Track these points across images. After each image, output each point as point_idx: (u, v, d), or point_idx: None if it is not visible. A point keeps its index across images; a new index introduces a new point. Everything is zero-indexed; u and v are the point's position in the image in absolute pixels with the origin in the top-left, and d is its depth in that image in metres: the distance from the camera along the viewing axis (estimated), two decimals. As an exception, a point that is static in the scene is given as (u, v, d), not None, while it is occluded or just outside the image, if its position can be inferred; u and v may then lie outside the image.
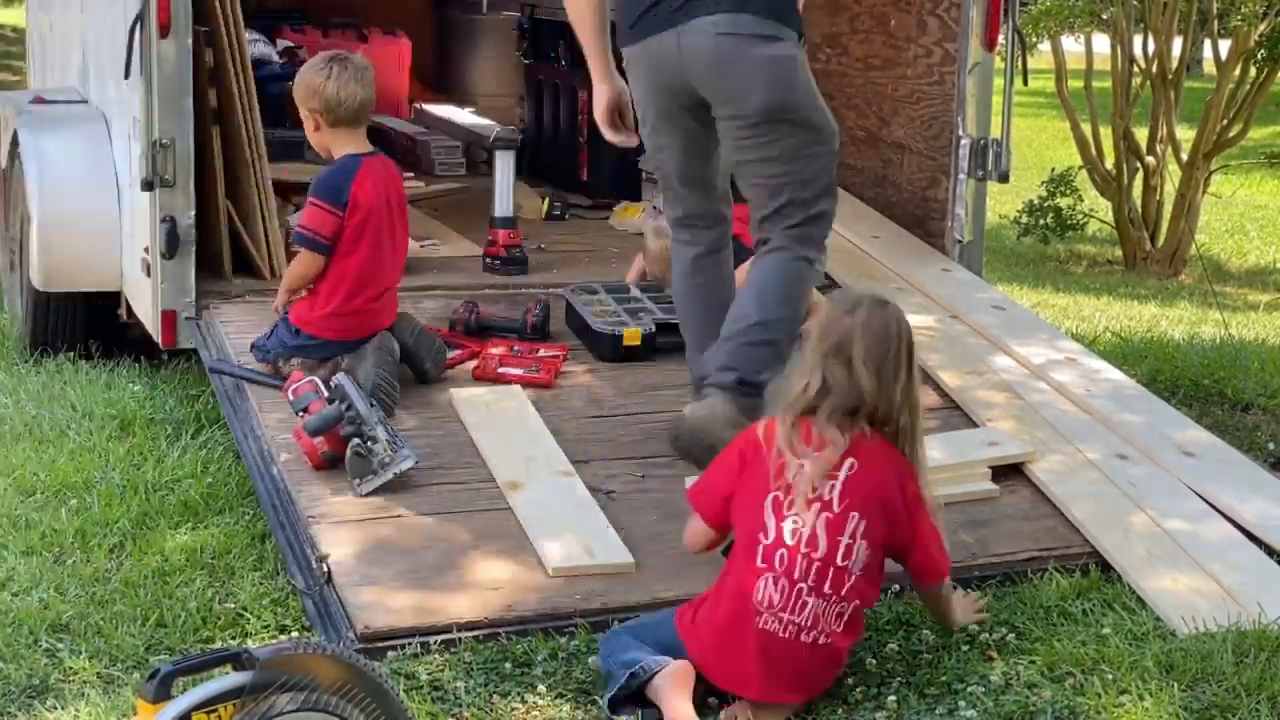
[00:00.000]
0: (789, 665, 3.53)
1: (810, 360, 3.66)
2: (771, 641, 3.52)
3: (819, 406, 3.61)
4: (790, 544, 3.54)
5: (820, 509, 3.55)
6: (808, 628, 3.52)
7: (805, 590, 3.52)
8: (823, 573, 3.54)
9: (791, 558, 3.53)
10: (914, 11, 6.52)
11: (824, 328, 3.67)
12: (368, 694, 2.84)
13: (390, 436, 4.40)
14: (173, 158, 5.38)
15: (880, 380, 3.61)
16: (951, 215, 6.22)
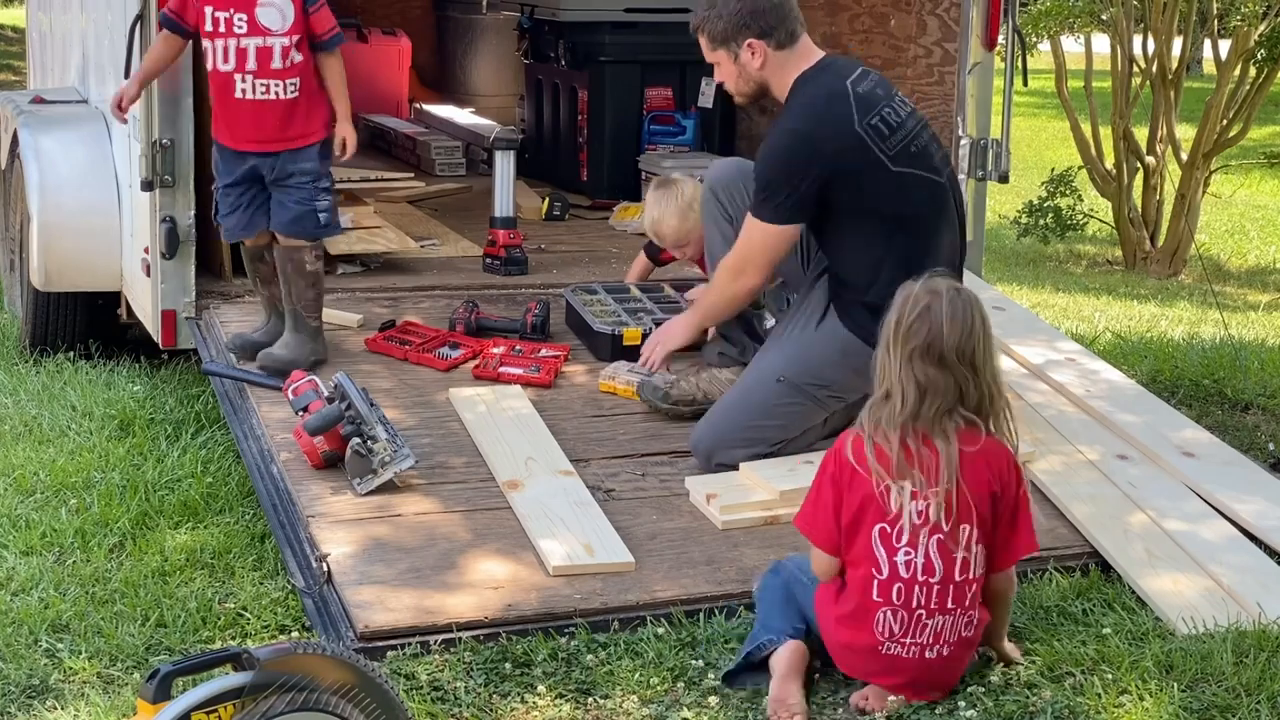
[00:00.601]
0: (916, 675, 3.54)
1: (896, 365, 3.49)
2: (896, 661, 3.53)
3: (918, 414, 3.48)
4: (906, 576, 3.49)
5: (930, 532, 3.48)
6: (930, 644, 3.52)
7: (925, 615, 3.50)
8: (943, 594, 3.50)
9: (909, 589, 3.49)
10: (914, 11, 6.52)
11: (906, 328, 3.49)
12: (367, 694, 2.84)
13: (390, 436, 4.40)
14: (173, 158, 5.38)
15: (975, 371, 3.50)
16: (951, 215, 6.21)
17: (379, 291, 5.89)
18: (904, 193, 4.48)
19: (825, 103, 4.47)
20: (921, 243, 4.48)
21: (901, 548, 3.48)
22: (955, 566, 3.50)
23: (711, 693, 3.60)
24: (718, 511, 4.36)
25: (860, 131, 4.42)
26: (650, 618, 3.91)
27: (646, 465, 4.69)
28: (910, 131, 4.51)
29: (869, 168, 4.44)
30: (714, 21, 4.58)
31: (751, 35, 4.53)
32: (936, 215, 4.57)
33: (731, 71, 4.63)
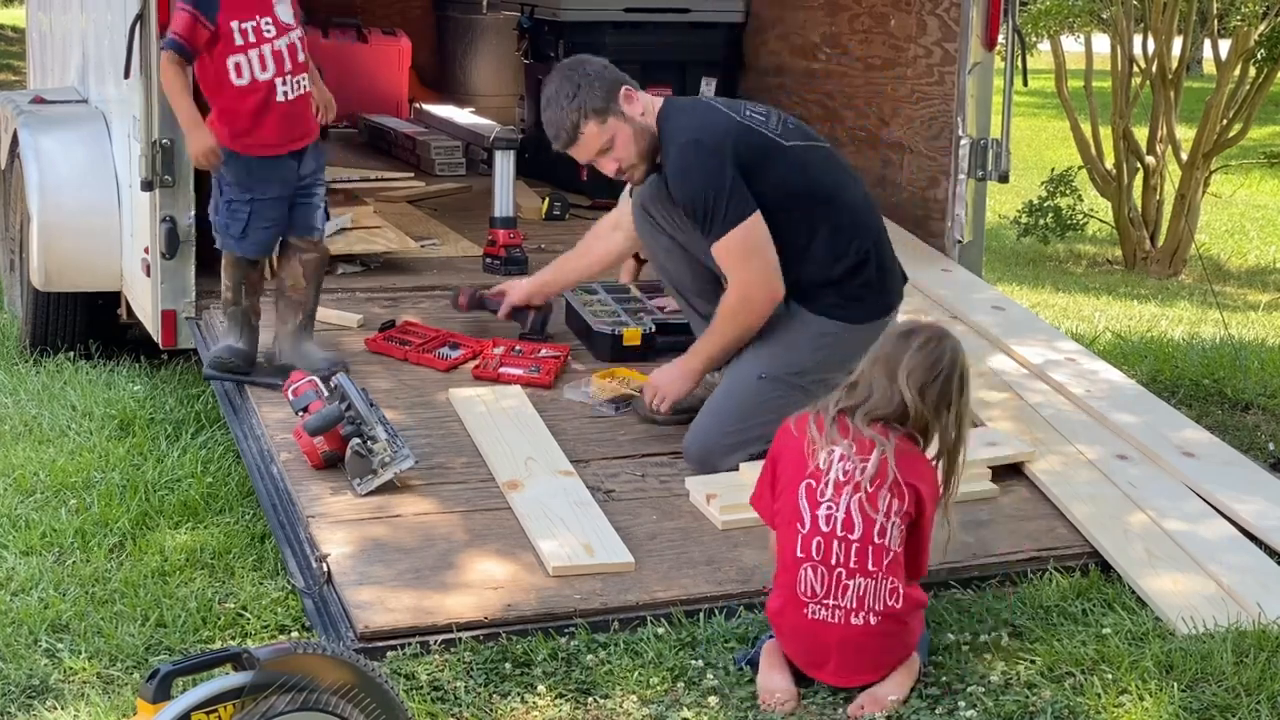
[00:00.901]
0: (850, 648, 3.58)
1: (859, 369, 3.73)
2: (824, 628, 3.58)
3: (857, 408, 3.66)
4: (826, 530, 3.59)
5: (853, 490, 3.59)
6: (854, 609, 3.58)
7: (845, 574, 3.57)
8: (862, 552, 3.58)
9: (828, 544, 3.58)
10: (914, 11, 6.52)
11: (879, 346, 3.74)
12: (367, 694, 2.84)
13: (390, 436, 4.40)
14: (173, 158, 5.38)
15: (924, 399, 3.64)
16: (951, 215, 6.22)
17: (379, 291, 5.89)
18: (807, 165, 4.66)
19: (701, 114, 4.66)
20: (840, 208, 4.65)
21: (824, 501, 3.60)
22: (874, 528, 3.58)
23: (711, 693, 3.61)
24: (718, 511, 4.36)
25: (743, 122, 4.61)
26: (650, 618, 3.92)
27: (646, 465, 4.69)
28: (779, 116, 4.74)
29: (768, 149, 4.60)
30: (588, 99, 4.60)
31: (622, 84, 4.65)
32: (841, 176, 4.76)
33: (627, 135, 4.62)
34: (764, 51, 7.87)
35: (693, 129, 4.57)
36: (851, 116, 6.93)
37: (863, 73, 6.93)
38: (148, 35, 5.32)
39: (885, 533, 3.59)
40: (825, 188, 4.66)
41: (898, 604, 3.59)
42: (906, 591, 3.62)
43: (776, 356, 4.64)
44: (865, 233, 4.67)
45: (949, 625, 3.93)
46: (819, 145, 4.78)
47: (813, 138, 4.80)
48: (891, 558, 3.60)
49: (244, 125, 4.89)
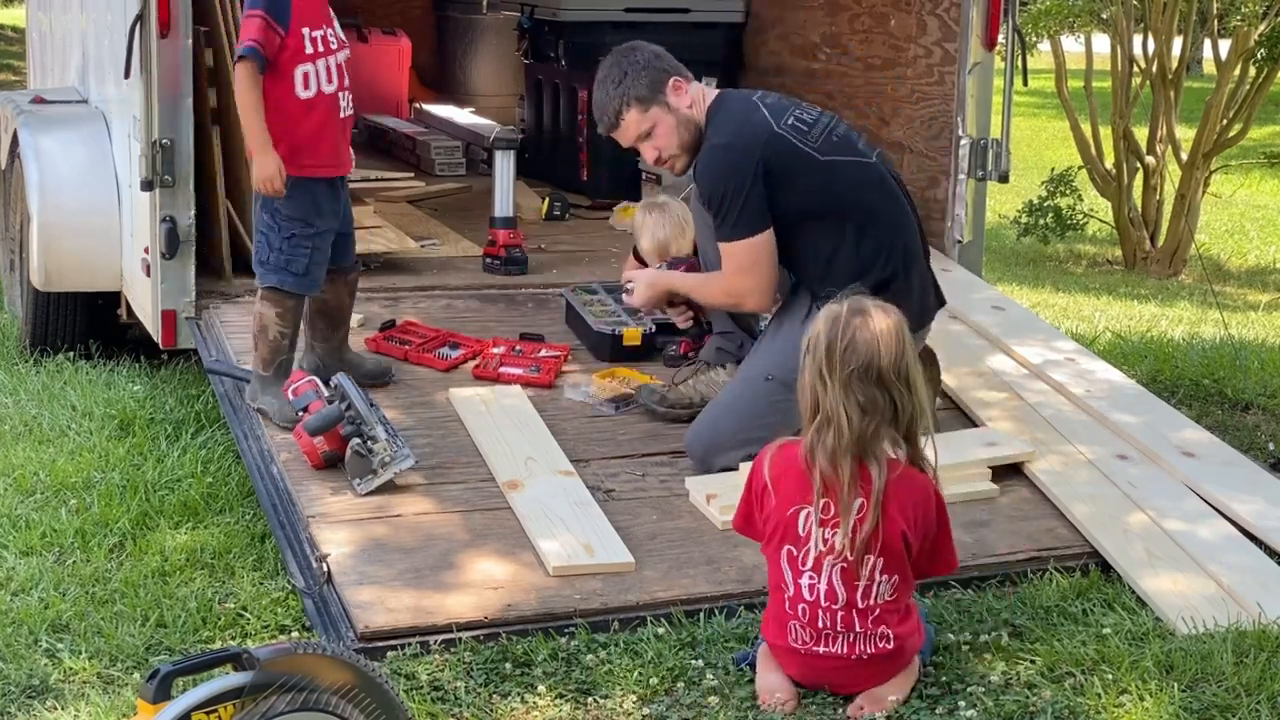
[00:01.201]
0: (847, 673, 3.58)
1: (836, 391, 3.44)
2: (818, 662, 3.57)
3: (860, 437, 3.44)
4: (809, 599, 3.54)
5: (833, 560, 3.50)
6: (847, 654, 3.55)
7: (831, 635, 3.55)
8: (847, 618, 3.53)
9: (813, 611, 3.54)
10: (914, 11, 6.52)
11: (841, 351, 3.44)
12: (367, 694, 2.84)
13: (390, 436, 4.40)
14: (173, 158, 5.38)
15: (910, 387, 3.48)
16: (951, 215, 6.23)
17: (379, 291, 5.89)
18: (839, 180, 4.59)
19: (742, 116, 4.60)
20: (869, 226, 4.59)
21: (806, 571, 3.53)
22: (857, 593, 3.51)
23: (711, 693, 3.60)
24: (718, 511, 4.36)
25: (781, 132, 4.56)
26: (650, 618, 3.92)
27: (646, 465, 4.69)
28: (826, 125, 4.66)
29: (800, 162, 4.55)
30: (632, 86, 4.62)
31: (671, 75, 4.64)
32: (876, 195, 4.65)
33: (669, 126, 4.64)
34: (764, 51, 7.87)
35: (728, 132, 4.56)
36: (851, 116, 6.92)
37: (863, 73, 6.93)
38: (148, 35, 5.33)
39: (870, 594, 3.52)
40: (855, 205, 4.58)
41: (889, 645, 3.56)
42: (898, 631, 3.56)
43: (786, 359, 4.62)
44: (892, 253, 4.59)
45: (949, 625, 3.93)
46: (861, 161, 4.65)
47: (856, 152, 4.66)
48: (878, 613, 3.53)
49: (304, 141, 4.66)
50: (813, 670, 3.60)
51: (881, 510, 3.46)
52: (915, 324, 4.65)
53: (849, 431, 3.43)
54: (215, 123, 5.72)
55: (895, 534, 3.50)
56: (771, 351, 4.66)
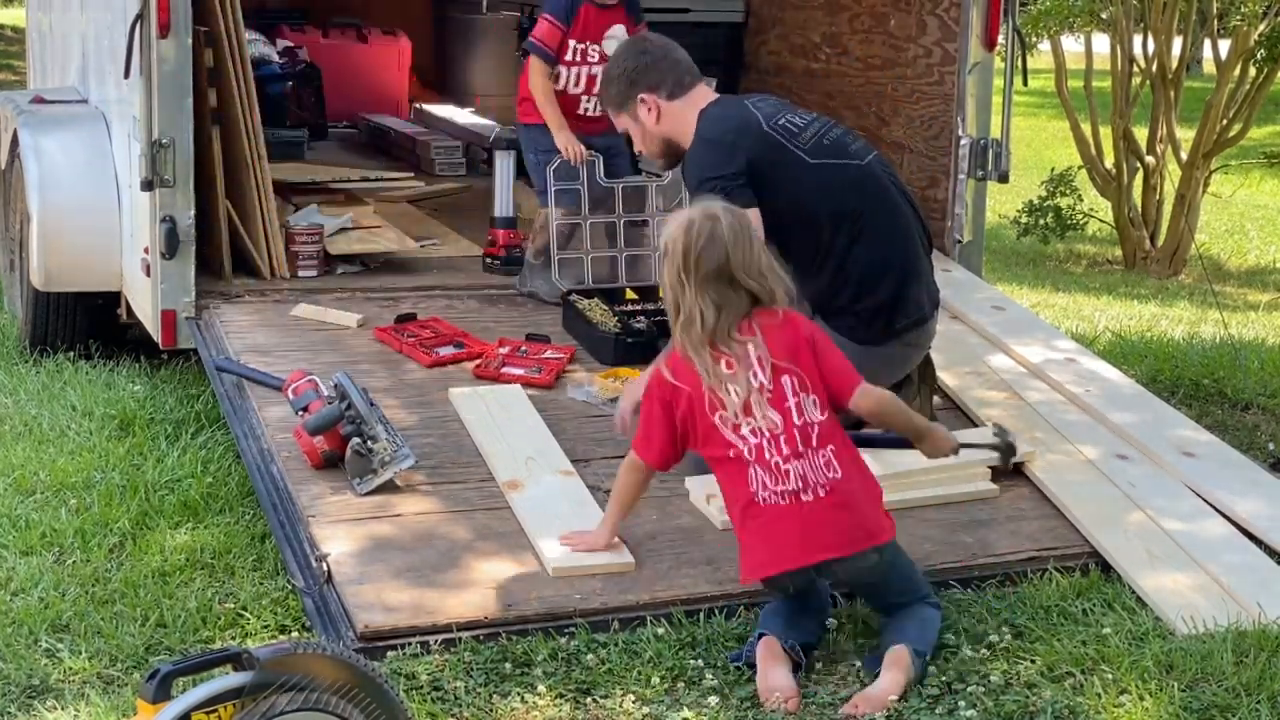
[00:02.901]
0: (815, 526, 3.70)
1: (692, 291, 3.76)
2: (783, 514, 3.71)
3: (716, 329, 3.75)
4: (755, 441, 3.74)
5: (758, 397, 3.75)
6: (801, 490, 3.71)
7: (783, 462, 3.72)
8: (790, 439, 3.73)
9: (760, 450, 3.73)
10: (914, 11, 6.52)
11: (696, 255, 3.75)
12: (367, 694, 2.84)
13: (390, 436, 4.40)
14: (173, 158, 5.38)
15: (762, 276, 3.79)
16: (951, 215, 6.23)
17: (379, 291, 5.89)
18: (829, 185, 4.60)
19: (731, 114, 4.68)
20: (863, 232, 4.60)
21: (742, 422, 3.75)
22: (791, 414, 3.75)
23: (711, 693, 3.61)
24: (718, 511, 4.35)
25: (769, 131, 4.61)
26: (650, 618, 3.92)
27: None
28: (819, 129, 4.69)
29: (788, 163, 4.58)
30: (608, 89, 4.87)
31: (641, 90, 4.75)
32: (868, 201, 4.65)
33: (638, 133, 4.85)
34: (764, 51, 7.87)
35: (714, 129, 4.60)
36: (851, 116, 6.92)
37: (863, 73, 6.93)
38: (148, 35, 5.32)
39: (801, 410, 3.75)
40: (841, 210, 4.58)
41: (837, 474, 3.72)
42: (843, 455, 3.75)
43: None
44: (883, 256, 4.61)
45: (949, 625, 3.93)
46: (853, 164, 4.65)
47: (848, 155, 4.67)
48: (818, 432, 3.75)
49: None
50: (783, 535, 3.69)
51: (771, 348, 3.78)
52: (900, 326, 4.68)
53: (707, 325, 3.76)
54: (215, 123, 5.72)
55: (799, 348, 3.79)
56: None
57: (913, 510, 4.51)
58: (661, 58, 4.77)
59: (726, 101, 4.80)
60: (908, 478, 4.58)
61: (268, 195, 5.80)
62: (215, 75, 5.72)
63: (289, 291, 5.79)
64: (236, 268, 5.85)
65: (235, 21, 5.72)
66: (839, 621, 3.93)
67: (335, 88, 8.91)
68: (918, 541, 4.33)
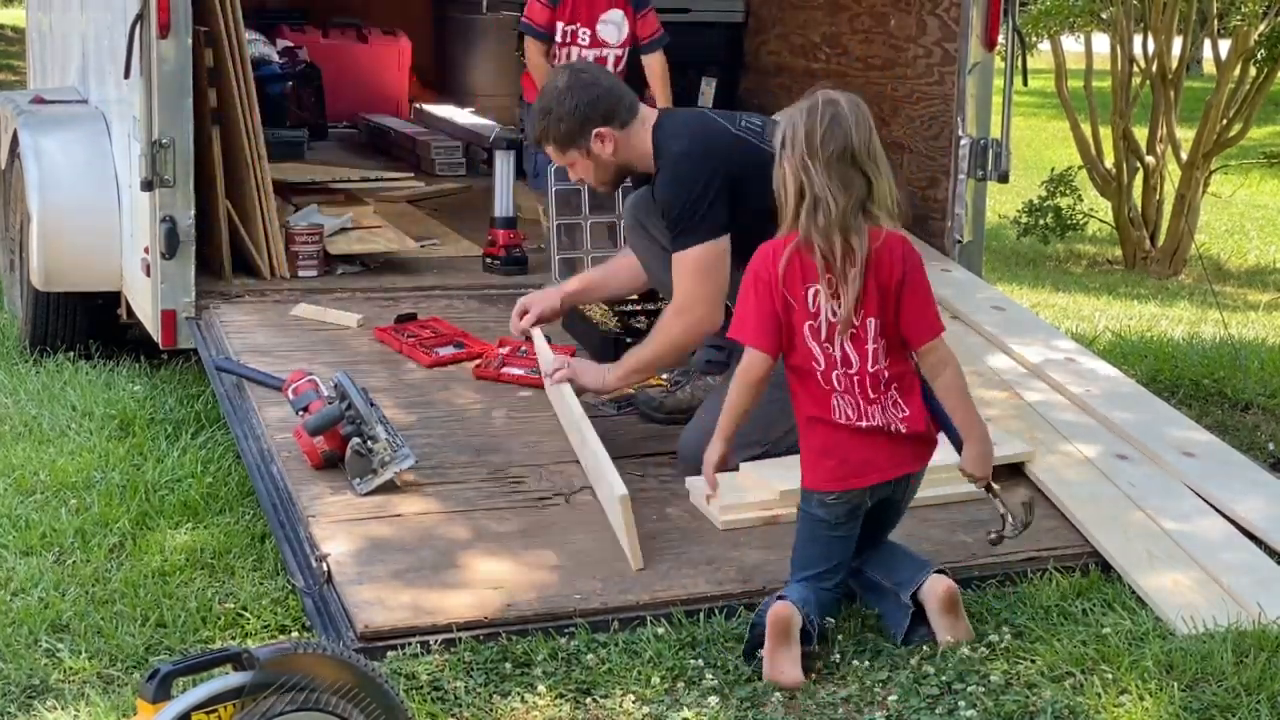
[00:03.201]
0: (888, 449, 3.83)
1: (821, 173, 3.71)
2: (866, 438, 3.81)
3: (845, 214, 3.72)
4: (840, 369, 3.80)
5: (842, 330, 3.78)
6: (884, 425, 3.81)
7: (863, 402, 3.81)
8: (863, 383, 3.80)
9: (843, 380, 3.80)
10: (914, 11, 6.52)
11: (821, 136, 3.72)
12: (368, 694, 2.84)
13: (390, 436, 4.40)
14: (173, 158, 5.38)
15: (878, 164, 3.77)
16: (951, 215, 6.23)
17: (379, 291, 5.89)
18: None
19: (696, 123, 4.67)
20: None
21: (824, 342, 3.79)
22: (868, 359, 3.79)
23: (711, 693, 3.61)
24: (718, 511, 4.36)
25: (738, 134, 4.61)
26: (650, 618, 3.92)
27: (646, 465, 4.69)
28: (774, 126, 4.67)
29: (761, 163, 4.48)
30: (556, 127, 4.62)
31: (597, 125, 4.59)
32: None
33: (587, 166, 4.68)
34: (764, 51, 7.88)
35: (687, 139, 4.56)
36: (851, 116, 6.91)
37: (863, 73, 6.93)
38: (148, 35, 5.32)
39: (878, 357, 3.80)
40: None
41: (905, 414, 3.82)
42: (909, 401, 3.82)
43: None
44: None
45: (949, 625, 3.93)
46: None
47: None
48: (887, 378, 3.80)
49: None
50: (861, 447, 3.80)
51: (871, 272, 3.75)
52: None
53: (836, 208, 3.71)
54: (215, 123, 5.73)
55: (890, 287, 3.77)
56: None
57: (913, 510, 4.48)
58: (609, 88, 4.64)
59: (680, 113, 4.79)
60: (908, 478, 4.58)
61: (268, 195, 5.80)
62: (215, 75, 5.72)
63: (289, 291, 5.79)
64: (236, 268, 5.85)
65: (235, 21, 5.72)
66: (837, 622, 3.93)
67: (335, 88, 8.92)
68: (917, 542, 4.33)
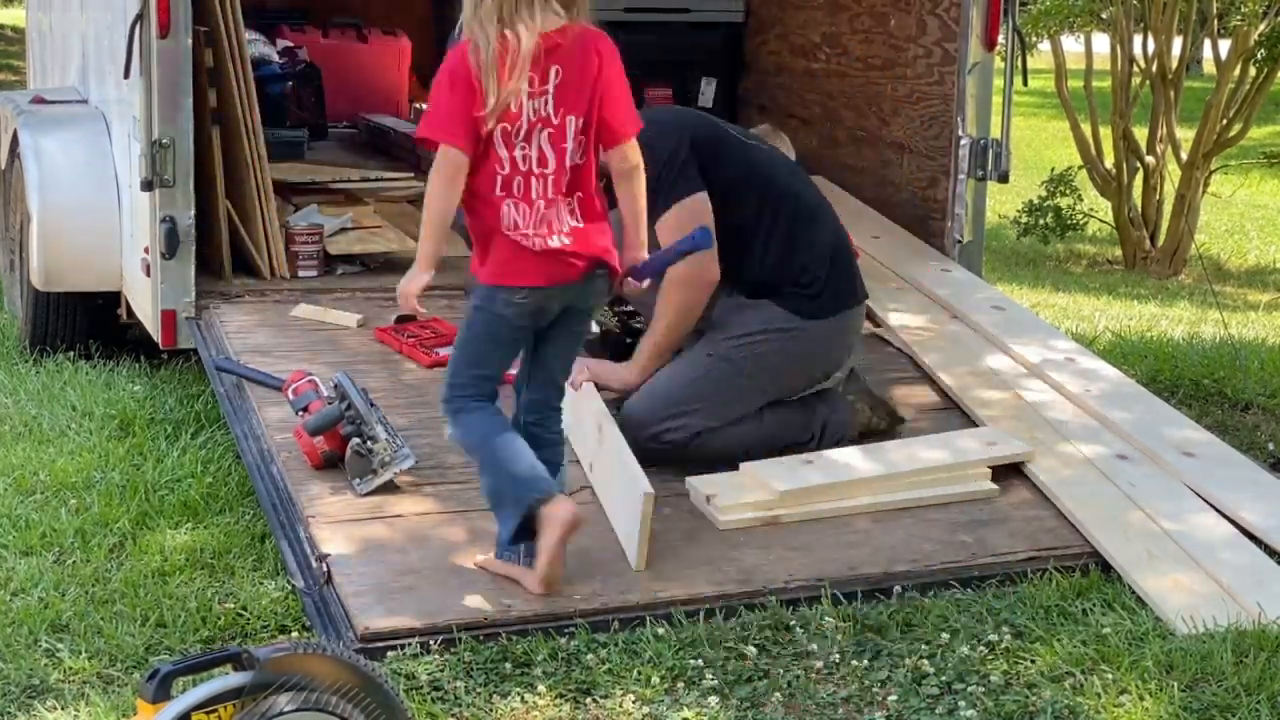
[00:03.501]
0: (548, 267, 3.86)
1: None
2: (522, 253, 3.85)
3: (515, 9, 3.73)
4: (523, 169, 3.83)
5: (542, 127, 3.82)
6: (548, 234, 3.85)
7: (544, 205, 3.85)
8: (558, 181, 3.85)
9: (526, 182, 3.83)
10: (914, 11, 6.52)
11: None
12: (368, 694, 2.84)
13: (390, 436, 4.40)
14: (173, 158, 5.38)
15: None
16: (951, 215, 6.22)
17: (379, 291, 5.89)
18: (764, 162, 4.87)
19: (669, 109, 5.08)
20: (796, 207, 4.80)
21: (518, 143, 3.81)
22: (565, 157, 3.85)
23: (711, 692, 3.61)
24: (718, 511, 4.36)
25: (707, 116, 5.01)
26: (650, 618, 3.91)
27: (646, 466, 4.68)
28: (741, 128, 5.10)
29: (728, 140, 4.83)
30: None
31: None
32: (798, 179, 4.98)
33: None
34: (764, 51, 7.87)
35: (654, 113, 4.69)
36: (851, 116, 6.93)
37: (863, 73, 6.93)
38: (148, 35, 5.32)
39: (574, 154, 3.85)
40: (781, 185, 4.84)
41: (581, 222, 3.86)
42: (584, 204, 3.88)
43: (727, 336, 4.76)
44: (818, 234, 4.81)
45: (949, 625, 3.93)
46: (781, 153, 5.07)
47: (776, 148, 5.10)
48: (579, 175, 3.87)
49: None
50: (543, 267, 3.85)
51: (567, 69, 3.79)
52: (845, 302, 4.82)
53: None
54: (215, 123, 5.72)
55: (588, 84, 3.82)
56: (713, 334, 4.76)
57: (913, 510, 4.51)
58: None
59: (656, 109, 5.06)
60: (908, 478, 4.58)
61: (268, 195, 5.80)
62: (215, 75, 5.72)
63: (289, 291, 5.79)
64: (236, 268, 5.84)
65: (235, 21, 5.72)
66: (836, 623, 3.93)
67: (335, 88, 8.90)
68: (918, 541, 4.34)
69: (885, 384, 5.20)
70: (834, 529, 4.40)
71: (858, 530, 4.40)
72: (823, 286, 4.75)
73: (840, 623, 3.93)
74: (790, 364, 4.72)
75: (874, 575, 4.18)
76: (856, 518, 4.46)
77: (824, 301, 4.74)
